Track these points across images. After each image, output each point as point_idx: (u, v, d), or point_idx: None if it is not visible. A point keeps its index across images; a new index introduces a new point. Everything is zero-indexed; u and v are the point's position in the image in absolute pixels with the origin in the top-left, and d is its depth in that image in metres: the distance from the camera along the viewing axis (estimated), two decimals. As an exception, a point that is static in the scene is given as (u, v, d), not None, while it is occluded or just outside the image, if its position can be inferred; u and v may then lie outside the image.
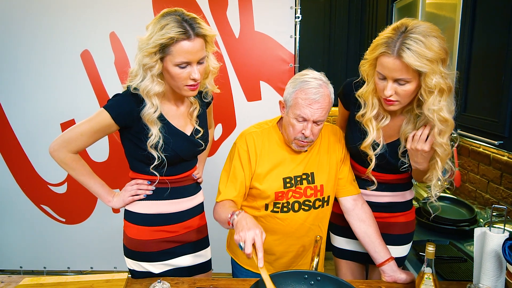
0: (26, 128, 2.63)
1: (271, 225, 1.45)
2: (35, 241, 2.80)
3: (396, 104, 1.29)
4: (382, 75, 1.26)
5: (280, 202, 1.43)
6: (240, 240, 1.12)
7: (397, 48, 1.18)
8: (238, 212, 1.23)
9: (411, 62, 1.16)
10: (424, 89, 1.22)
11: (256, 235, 1.11)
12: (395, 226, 1.56)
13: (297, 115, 1.33)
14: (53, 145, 1.36)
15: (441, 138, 1.25)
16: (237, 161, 1.42)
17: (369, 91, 1.36)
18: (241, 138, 1.46)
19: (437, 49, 1.17)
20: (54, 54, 2.51)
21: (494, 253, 1.21)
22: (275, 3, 2.45)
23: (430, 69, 1.17)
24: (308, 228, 1.48)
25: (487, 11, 1.49)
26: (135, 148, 1.38)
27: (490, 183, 2.06)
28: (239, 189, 1.42)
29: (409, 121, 1.38)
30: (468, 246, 1.79)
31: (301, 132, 1.34)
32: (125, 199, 1.43)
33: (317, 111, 1.31)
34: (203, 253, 1.57)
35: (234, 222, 1.21)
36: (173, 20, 1.22)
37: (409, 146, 1.32)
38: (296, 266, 1.53)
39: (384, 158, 1.43)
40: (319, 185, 1.46)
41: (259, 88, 2.56)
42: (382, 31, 1.26)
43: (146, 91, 1.29)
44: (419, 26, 1.19)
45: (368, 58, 1.32)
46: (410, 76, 1.21)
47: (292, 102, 1.34)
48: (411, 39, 1.16)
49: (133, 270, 1.47)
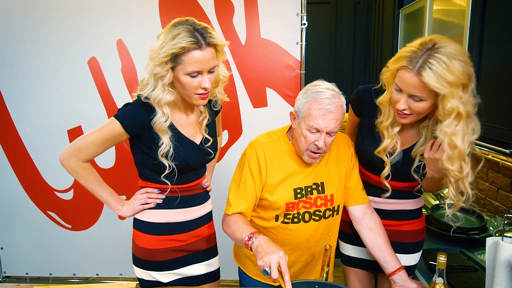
0: (33, 134, 2.64)
1: (281, 236, 1.44)
2: (41, 247, 2.80)
3: (409, 118, 1.29)
4: (399, 87, 1.26)
5: (291, 213, 1.42)
6: (265, 266, 1.10)
7: (419, 65, 1.17)
8: (256, 235, 1.22)
9: (429, 82, 1.15)
10: (440, 110, 1.20)
11: (281, 258, 1.10)
12: (405, 234, 1.54)
13: (311, 126, 1.31)
14: (63, 154, 1.36)
15: (449, 165, 1.22)
16: (248, 172, 1.41)
17: (387, 99, 1.36)
18: (250, 148, 1.44)
19: (460, 73, 1.14)
20: (61, 61, 2.53)
21: (507, 263, 1.20)
22: (281, 10, 2.46)
23: (448, 92, 1.14)
24: (319, 238, 1.47)
25: (497, 17, 1.48)
26: (146, 157, 1.38)
27: (500, 191, 2.05)
28: (249, 201, 1.40)
29: (425, 140, 1.37)
30: (479, 255, 1.77)
31: (314, 143, 1.33)
32: (135, 208, 1.43)
33: (331, 122, 1.30)
34: (212, 262, 1.56)
35: (253, 247, 1.19)
36: (184, 30, 1.23)
37: (426, 155, 1.31)
38: (305, 275, 1.52)
39: (396, 166, 1.42)
40: (329, 194, 1.44)
41: (265, 95, 2.56)
42: (410, 43, 1.23)
43: (157, 100, 1.29)
44: (446, 47, 1.15)
45: (390, 67, 1.30)
46: (426, 95, 1.20)
47: (305, 113, 1.32)
48: (435, 58, 1.14)
49: (142, 279, 1.47)
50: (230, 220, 1.38)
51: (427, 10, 2.12)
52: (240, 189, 1.41)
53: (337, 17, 3.32)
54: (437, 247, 1.85)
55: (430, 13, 2.12)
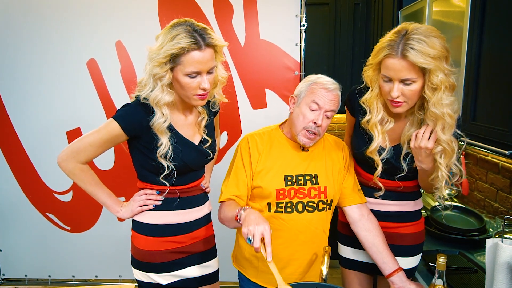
0: (32, 136, 2.64)
1: (275, 227, 1.43)
2: (40, 249, 2.79)
3: (403, 106, 1.31)
4: (387, 78, 1.29)
5: (283, 202, 1.43)
6: (249, 234, 1.13)
7: (401, 49, 1.22)
8: (245, 208, 1.26)
9: (416, 60, 1.19)
10: (428, 86, 1.25)
11: (265, 230, 1.13)
12: (403, 237, 1.53)
13: (312, 101, 1.38)
14: (61, 156, 1.36)
15: (444, 135, 1.28)
16: (239, 162, 1.45)
17: (373, 96, 1.39)
18: (243, 140, 1.50)
19: (439, 47, 1.20)
20: (60, 63, 2.53)
21: (507, 265, 1.20)
22: (280, 11, 2.46)
23: (434, 65, 1.20)
24: (313, 232, 1.47)
25: (496, 18, 1.48)
26: (145, 158, 1.37)
27: (499, 192, 2.04)
28: (241, 189, 1.43)
29: (412, 125, 1.40)
30: (479, 256, 1.76)
31: (312, 121, 1.38)
32: (133, 210, 1.43)
33: (331, 102, 1.38)
34: (211, 264, 1.56)
35: (242, 217, 1.22)
36: (184, 31, 1.23)
37: (412, 144, 1.33)
38: (303, 279, 1.51)
39: (390, 163, 1.43)
40: (323, 186, 1.46)
41: (265, 96, 2.56)
42: (383, 37, 1.30)
43: (156, 101, 1.29)
44: (419, 28, 1.23)
45: (371, 63, 1.35)
46: (415, 75, 1.24)
47: (307, 92, 1.40)
48: (413, 39, 1.20)
49: (141, 281, 1.46)
50: (223, 207, 1.42)
51: (426, 11, 2.12)
52: (231, 177, 1.45)
53: (336, 18, 3.32)
54: (437, 248, 1.84)
55: (430, 14, 2.11)
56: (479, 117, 1.59)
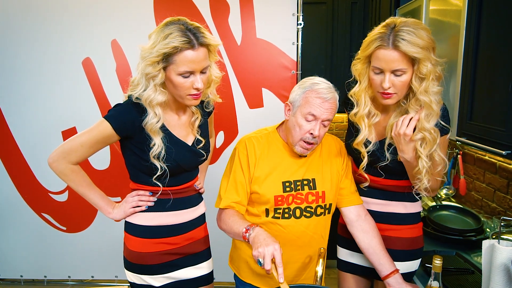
0: (27, 136, 2.62)
1: (272, 232, 1.41)
2: (35, 249, 2.77)
3: (393, 97, 1.33)
4: (378, 69, 1.31)
5: (281, 208, 1.41)
6: (259, 256, 1.13)
7: (392, 40, 1.26)
8: (254, 227, 1.24)
9: (407, 49, 1.23)
10: (417, 76, 1.29)
11: (275, 250, 1.13)
12: (396, 241, 1.50)
13: (307, 113, 1.35)
14: (52, 156, 1.34)
15: (427, 123, 1.31)
16: (237, 166, 1.43)
17: (361, 90, 1.41)
18: (240, 143, 1.47)
19: (427, 38, 1.26)
20: (56, 62, 2.51)
21: (503, 266, 1.19)
22: (277, 10, 2.44)
23: (424, 55, 1.24)
24: (310, 237, 1.46)
25: (493, 17, 1.47)
26: (137, 159, 1.36)
27: (497, 192, 2.03)
28: (241, 193, 1.41)
29: (396, 117, 1.40)
30: (475, 257, 1.75)
31: (309, 132, 1.35)
32: (126, 211, 1.41)
33: (327, 111, 1.35)
34: (205, 265, 1.54)
35: (251, 239, 1.21)
36: (177, 29, 1.21)
37: (393, 132, 1.35)
38: (299, 281, 1.50)
39: (375, 155, 1.43)
40: (321, 191, 1.44)
41: (261, 95, 2.54)
42: (371, 32, 1.33)
43: (149, 100, 1.27)
44: (407, 21, 1.28)
45: (360, 56, 1.38)
46: (406, 65, 1.27)
47: (302, 101, 1.36)
48: (403, 31, 1.25)
49: (134, 283, 1.45)
50: (225, 216, 1.39)
51: (423, 10, 2.11)
52: (230, 182, 1.43)
53: (334, 17, 3.31)
54: (434, 249, 1.83)
55: (427, 13, 2.11)
56: (475, 116, 1.58)
